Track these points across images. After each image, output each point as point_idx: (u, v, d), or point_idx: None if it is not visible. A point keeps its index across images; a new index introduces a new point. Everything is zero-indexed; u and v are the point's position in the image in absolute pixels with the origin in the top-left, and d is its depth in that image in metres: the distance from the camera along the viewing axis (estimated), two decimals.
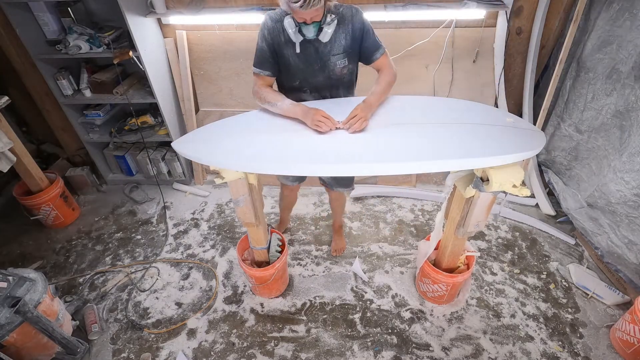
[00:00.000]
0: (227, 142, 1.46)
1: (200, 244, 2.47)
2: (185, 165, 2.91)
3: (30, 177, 2.38)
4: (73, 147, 3.03)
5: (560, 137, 2.41)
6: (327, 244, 2.42)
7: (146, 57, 2.30)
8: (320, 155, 1.36)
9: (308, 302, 2.08)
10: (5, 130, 2.14)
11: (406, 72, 2.47)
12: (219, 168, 1.42)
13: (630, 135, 1.86)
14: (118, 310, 2.08)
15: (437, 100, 1.71)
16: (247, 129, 1.54)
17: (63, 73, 2.47)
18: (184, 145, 1.46)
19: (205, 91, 2.74)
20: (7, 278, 1.59)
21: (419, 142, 1.40)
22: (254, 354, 1.86)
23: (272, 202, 2.77)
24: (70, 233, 2.60)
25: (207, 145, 1.46)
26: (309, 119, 1.47)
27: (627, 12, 1.86)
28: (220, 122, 1.63)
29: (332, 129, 1.47)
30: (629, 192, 1.84)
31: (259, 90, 1.61)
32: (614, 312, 1.98)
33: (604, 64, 2.01)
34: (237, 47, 2.52)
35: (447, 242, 1.80)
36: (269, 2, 2.35)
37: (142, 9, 2.27)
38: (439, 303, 2.03)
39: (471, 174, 1.49)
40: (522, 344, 1.87)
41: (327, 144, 1.42)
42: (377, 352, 1.85)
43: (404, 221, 2.58)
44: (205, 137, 1.52)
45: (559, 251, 2.34)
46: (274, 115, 1.62)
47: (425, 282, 1.97)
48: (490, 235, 2.46)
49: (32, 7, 2.27)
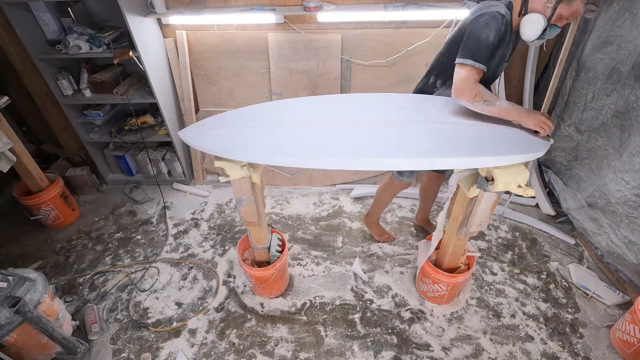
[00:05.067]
0: (244, 134, 1.45)
1: (200, 244, 2.47)
2: (185, 165, 2.91)
3: (30, 177, 2.38)
4: (73, 147, 3.03)
5: (561, 137, 2.41)
6: (327, 244, 2.42)
7: (146, 57, 2.30)
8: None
9: (308, 302, 2.08)
10: (5, 130, 2.14)
11: (406, 72, 2.48)
12: (225, 164, 1.42)
13: (630, 135, 1.86)
14: (118, 310, 2.08)
15: (440, 100, 1.71)
16: (257, 121, 1.53)
17: (63, 73, 2.47)
18: (190, 135, 1.47)
19: (205, 91, 2.74)
20: (7, 278, 1.59)
21: (425, 140, 1.40)
22: (254, 354, 1.86)
23: (272, 202, 2.77)
24: (70, 233, 2.60)
25: (217, 135, 1.46)
26: (532, 120, 1.41)
27: (627, 12, 1.86)
28: (232, 112, 1.62)
29: (549, 133, 1.43)
30: (629, 192, 1.84)
31: (478, 87, 1.46)
32: (614, 312, 1.99)
33: (604, 64, 2.01)
34: (237, 47, 2.52)
35: (448, 242, 1.80)
36: (269, 2, 2.35)
37: (142, 9, 2.27)
38: (439, 303, 2.03)
39: (475, 173, 1.49)
40: (522, 344, 1.87)
41: (339, 139, 1.43)
42: (377, 352, 1.84)
43: (404, 221, 2.58)
44: (214, 127, 1.52)
45: (559, 251, 2.34)
46: (282, 108, 1.61)
47: (426, 282, 1.97)
48: (490, 235, 2.46)
49: (32, 7, 2.27)
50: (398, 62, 2.44)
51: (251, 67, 2.60)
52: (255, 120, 1.54)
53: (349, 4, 2.31)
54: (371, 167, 1.42)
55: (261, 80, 2.66)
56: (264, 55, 2.54)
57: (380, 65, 2.47)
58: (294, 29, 2.42)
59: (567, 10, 1.38)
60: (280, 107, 1.69)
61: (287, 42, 2.46)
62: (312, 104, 1.71)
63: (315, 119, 1.56)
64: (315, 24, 2.42)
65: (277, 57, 2.52)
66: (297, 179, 2.89)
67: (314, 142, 1.39)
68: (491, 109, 1.46)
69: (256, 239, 1.87)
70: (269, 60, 2.54)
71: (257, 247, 1.90)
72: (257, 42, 2.49)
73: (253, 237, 1.87)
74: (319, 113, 1.61)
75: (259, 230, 1.80)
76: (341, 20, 2.36)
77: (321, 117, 1.56)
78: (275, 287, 2.07)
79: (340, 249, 2.39)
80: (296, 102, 1.72)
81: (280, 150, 1.35)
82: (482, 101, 1.45)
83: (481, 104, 1.46)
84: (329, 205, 2.73)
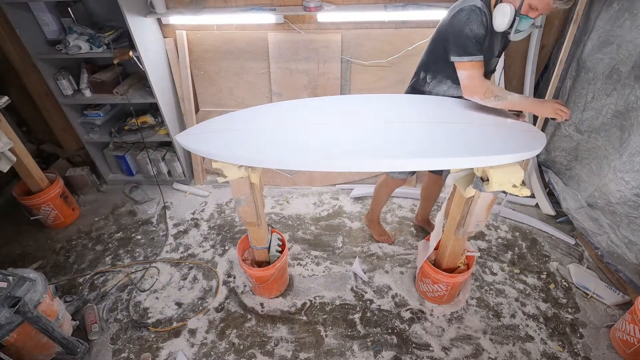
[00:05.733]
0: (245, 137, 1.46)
1: (200, 244, 2.47)
2: (185, 166, 2.91)
3: (30, 177, 2.38)
4: (73, 147, 3.04)
5: (561, 137, 2.41)
6: (327, 244, 2.42)
7: (146, 57, 2.30)
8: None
9: (308, 302, 2.08)
10: (5, 130, 2.14)
11: (406, 72, 2.47)
12: (223, 165, 1.43)
13: (630, 135, 1.86)
14: (118, 310, 2.08)
15: (437, 100, 1.72)
16: (262, 123, 1.54)
17: (63, 73, 2.47)
18: (186, 138, 1.47)
19: (205, 91, 2.74)
20: (7, 278, 1.59)
21: (420, 139, 1.40)
22: (254, 354, 1.86)
23: (272, 202, 2.77)
24: (70, 233, 2.60)
25: (214, 139, 1.46)
26: (548, 109, 1.46)
27: (627, 12, 1.86)
28: (226, 116, 1.63)
29: (568, 118, 1.46)
30: (629, 192, 1.84)
31: (486, 83, 1.50)
32: (614, 312, 1.99)
33: (604, 64, 2.01)
34: (237, 47, 2.52)
35: (447, 242, 1.80)
36: (269, 2, 2.35)
37: (142, 9, 2.27)
38: (439, 303, 2.03)
39: (471, 173, 1.49)
40: (522, 344, 1.87)
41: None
42: (377, 352, 1.85)
43: (404, 221, 2.58)
44: (211, 130, 1.52)
45: (559, 251, 2.34)
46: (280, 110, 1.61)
47: (426, 282, 1.97)
48: (490, 235, 2.46)
49: (32, 7, 2.27)
50: (398, 62, 2.44)
51: (251, 67, 2.60)
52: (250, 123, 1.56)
53: (349, 4, 2.31)
54: (365, 169, 1.42)
55: (261, 80, 2.66)
56: (264, 55, 2.54)
57: (381, 65, 2.47)
58: (294, 29, 2.42)
59: (537, 1, 1.38)
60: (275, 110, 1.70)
61: (287, 42, 2.46)
62: (305, 105, 1.73)
63: (309, 120, 1.57)
64: (315, 24, 2.42)
65: (277, 57, 2.52)
66: (297, 179, 2.89)
67: (303, 143, 1.41)
68: (504, 103, 1.50)
69: (256, 239, 1.87)
70: (269, 60, 2.54)
71: (256, 247, 1.90)
72: (257, 42, 2.49)
73: (252, 237, 1.87)
74: (314, 114, 1.63)
75: (259, 230, 1.80)
76: (341, 20, 2.36)
77: (316, 119, 1.58)
78: (275, 287, 2.07)
79: (340, 249, 2.39)
80: (289, 104, 1.73)
81: (269, 154, 1.36)
82: (493, 97, 1.50)
83: (493, 99, 1.50)
84: (329, 205, 2.73)
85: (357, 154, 1.33)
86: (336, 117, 1.58)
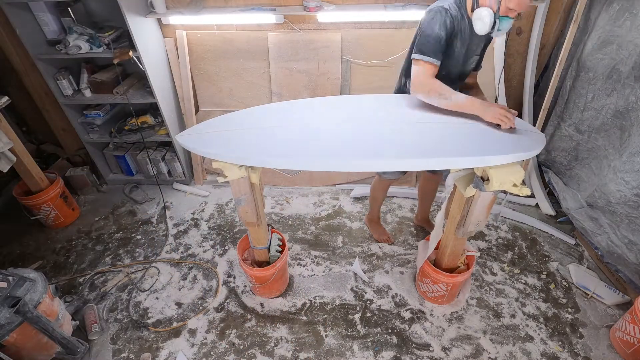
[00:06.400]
0: (242, 137, 1.46)
1: (200, 244, 2.47)
2: (185, 165, 2.91)
3: (30, 177, 2.38)
4: (73, 147, 3.04)
5: (560, 137, 2.41)
6: (327, 244, 2.42)
7: (146, 57, 2.30)
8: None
9: (308, 302, 2.08)
10: (5, 130, 2.14)
11: None
12: (223, 165, 1.43)
13: (630, 135, 1.86)
14: (118, 310, 2.08)
15: None
16: (257, 123, 1.54)
17: (63, 73, 2.47)
18: (186, 138, 1.48)
19: (205, 91, 2.74)
20: (7, 278, 1.59)
21: (420, 140, 1.40)
22: (254, 354, 1.86)
23: (272, 202, 2.77)
24: (70, 233, 2.60)
25: (214, 139, 1.46)
26: (489, 113, 1.44)
27: (627, 12, 1.86)
28: (227, 115, 1.63)
29: (512, 125, 1.43)
30: (629, 192, 1.84)
31: (432, 81, 1.50)
32: (614, 312, 1.99)
33: (604, 64, 2.01)
34: (237, 47, 2.52)
35: (447, 242, 1.80)
36: (269, 2, 2.35)
37: (142, 9, 2.27)
38: (439, 303, 2.03)
39: (471, 173, 1.49)
40: (522, 344, 1.87)
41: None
42: (377, 352, 1.84)
43: (404, 221, 2.58)
44: (211, 130, 1.52)
45: (559, 251, 2.34)
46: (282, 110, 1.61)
47: (426, 282, 1.97)
48: (490, 235, 2.46)
49: (32, 7, 2.27)
50: (398, 62, 2.43)
51: (251, 67, 2.60)
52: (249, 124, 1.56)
53: (349, 4, 2.31)
54: (361, 169, 1.42)
55: (261, 81, 2.66)
56: (264, 55, 2.54)
57: (381, 65, 2.47)
58: (294, 29, 2.42)
59: (512, 2, 1.38)
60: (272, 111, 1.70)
61: (287, 42, 2.46)
62: (305, 106, 1.73)
63: (309, 120, 1.57)
64: (315, 24, 2.42)
65: (277, 57, 2.52)
66: (297, 179, 2.89)
67: (302, 142, 1.41)
68: (447, 103, 1.50)
69: (256, 239, 1.87)
70: (269, 60, 2.54)
71: (256, 247, 1.90)
72: (257, 42, 2.50)
73: (253, 237, 1.87)
74: (313, 114, 1.63)
75: (259, 230, 1.80)
76: (341, 20, 2.36)
77: (315, 119, 1.58)
78: (275, 287, 2.07)
79: (340, 249, 2.39)
80: (282, 106, 1.74)
81: (270, 152, 1.36)
82: (436, 95, 1.50)
83: (436, 97, 1.50)
84: (329, 205, 2.73)
85: (357, 154, 1.33)
86: (336, 118, 1.58)
